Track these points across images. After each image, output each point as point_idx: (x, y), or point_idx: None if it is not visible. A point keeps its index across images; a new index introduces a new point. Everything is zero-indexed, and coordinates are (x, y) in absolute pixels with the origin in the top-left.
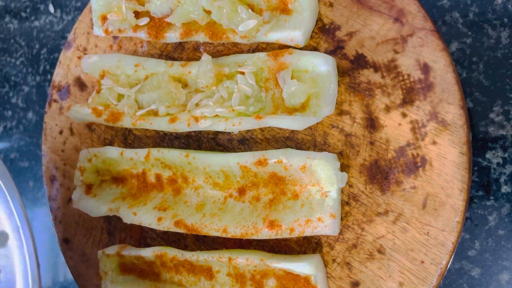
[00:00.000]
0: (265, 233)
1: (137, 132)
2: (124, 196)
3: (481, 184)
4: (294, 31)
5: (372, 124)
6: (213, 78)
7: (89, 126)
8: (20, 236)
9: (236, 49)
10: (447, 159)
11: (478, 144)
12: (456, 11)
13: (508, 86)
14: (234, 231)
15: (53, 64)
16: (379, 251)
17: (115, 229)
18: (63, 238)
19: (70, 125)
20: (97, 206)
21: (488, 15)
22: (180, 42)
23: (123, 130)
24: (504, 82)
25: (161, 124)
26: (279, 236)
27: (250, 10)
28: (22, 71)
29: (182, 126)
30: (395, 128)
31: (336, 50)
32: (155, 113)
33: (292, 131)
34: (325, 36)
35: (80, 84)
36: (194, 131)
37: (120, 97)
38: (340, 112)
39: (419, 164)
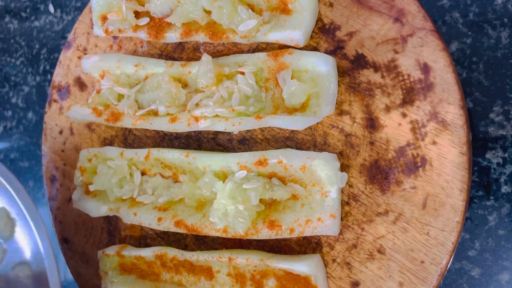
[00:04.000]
0: (265, 233)
1: (137, 132)
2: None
3: (481, 184)
4: (294, 31)
5: (372, 124)
6: (213, 78)
7: (89, 126)
8: (27, 221)
9: (236, 49)
10: (447, 159)
11: (478, 144)
12: (456, 11)
13: (508, 86)
14: (234, 231)
15: (53, 64)
16: (379, 251)
17: (115, 229)
18: (63, 238)
19: (70, 125)
20: (97, 206)
21: (488, 15)
22: (180, 42)
23: (123, 130)
24: (504, 82)
25: (161, 124)
26: (279, 236)
27: (250, 10)
28: (22, 71)
29: (182, 126)
30: (395, 128)
31: (336, 50)
32: (155, 113)
33: (292, 131)
34: (325, 36)
35: (80, 84)
36: (194, 131)
37: (120, 97)
38: (340, 112)
39: (419, 164)
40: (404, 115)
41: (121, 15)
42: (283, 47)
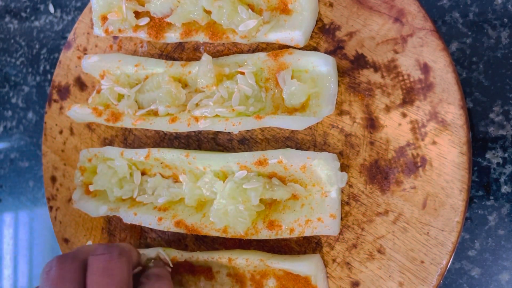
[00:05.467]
0: (265, 233)
1: (137, 132)
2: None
3: (481, 184)
4: (294, 31)
5: (372, 124)
6: (213, 78)
7: (89, 126)
8: None
9: (236, 49)
10: (447, 159)
11: (478, 144)
12: (456, 11)
13: (508, 86)
14: (234, 231)
15: (53, 64)
16: (379, 251)
17: (115, 229)
18: (63, 238)
19: (70, 125)
20: (97, 206)
21: (488, 15)
22: (180, 42)
23: (123, 130)
24: (504, 82)
25: (161, 124)
26: (279, 236)
27: (250, 10)
28: (22, 71)
29: (182, 126)
30: (395, 128)
31: (336, 50)
32: (155, 113)
33: (292, 131)
34: (325, 36)
35: (80, 84)
36: (194, 131)
37: (120, 97)
38: (340, 112)
39: (419, 164)
40: (404, 115)
41: (121, 15)
42: (283, 47)
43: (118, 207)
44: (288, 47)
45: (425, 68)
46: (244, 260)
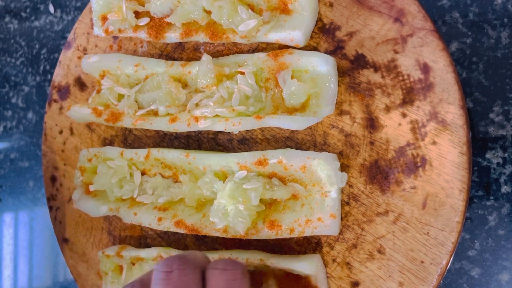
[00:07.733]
0: (265, 233)
1: (137, 132)
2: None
3: (481, 184)
4: (294, 31)
5: (372, 124)
6: (213, 78)
7: (89, 126)
8: None
9: (236, 49)
10: (447, 159)
11: (478, 144)
12: (456, 11)
13: (508, 86)
14: (234, 231)
15: (53, 64)
16: (379, 251)
17: (115, 229)
18: (63, 238)
19: (70, 125)
20: (97, 206)
21: (488, 15)
22: (180, 42)
23: (123, 130)
24: (504, 82)
25: (161, 124)
26: (279, 236)
27: (250, 10)
28: (22, 71)
29: (182, 126)
30: (395, 128)
31: (336, 50)
32: (155, 113)
33: (292, 131)
34: (325, 36)
35: (80, 84)
36: (194, 131)
37: (120, 97)
38: (340, 112)
39: (419, 164)
40: (404, 115)
41: (121, 15)
42: (283, 47)
43: (118, 207)
44: (288, 47)
45: (425, 68)
46: (244, 260)
